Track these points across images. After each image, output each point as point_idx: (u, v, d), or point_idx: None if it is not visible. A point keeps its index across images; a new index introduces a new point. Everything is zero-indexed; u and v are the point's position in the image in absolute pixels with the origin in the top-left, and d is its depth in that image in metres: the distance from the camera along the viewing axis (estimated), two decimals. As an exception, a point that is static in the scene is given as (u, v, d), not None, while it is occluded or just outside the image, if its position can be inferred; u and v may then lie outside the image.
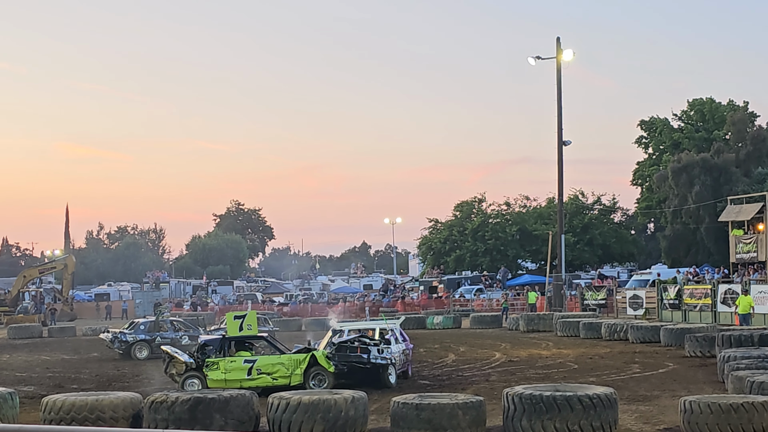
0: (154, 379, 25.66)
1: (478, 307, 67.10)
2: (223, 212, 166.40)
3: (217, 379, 22.53)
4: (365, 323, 32.73)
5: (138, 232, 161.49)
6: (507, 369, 27.77)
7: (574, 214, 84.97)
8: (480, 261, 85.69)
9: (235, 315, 24.59)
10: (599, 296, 56.65)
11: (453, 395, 16.63)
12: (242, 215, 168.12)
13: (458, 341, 40.59)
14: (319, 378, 22.73)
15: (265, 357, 23.26)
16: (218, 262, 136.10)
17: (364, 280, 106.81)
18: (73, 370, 31.72)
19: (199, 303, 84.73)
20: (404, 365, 25.62)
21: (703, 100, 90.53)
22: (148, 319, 40.52)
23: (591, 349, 33.81)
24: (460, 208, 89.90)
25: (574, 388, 16.18)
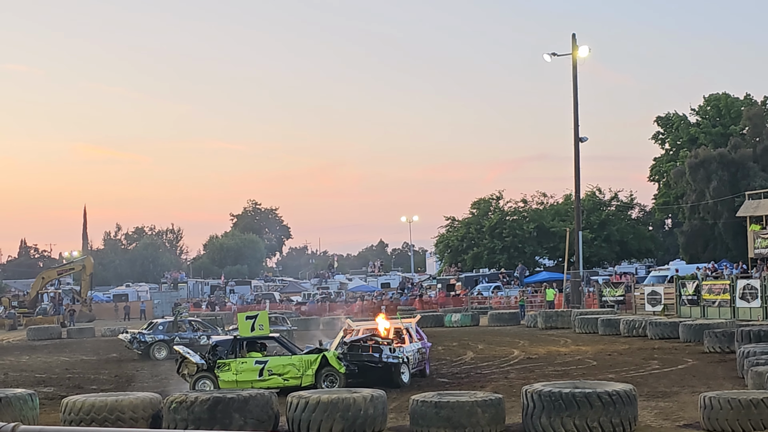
0: (173, 379, 25.67)
1: (495, 304, 67.03)
2: (240, 212, 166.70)
3: (229, 380, 22.44)
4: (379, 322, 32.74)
5: (155, 232, 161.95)
6: (526, 366, 27.72)
7: (592, 210, 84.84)
8: (497, 258, 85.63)
9: (247, 315, 24.44)
10: (617, 293, 56.55)
11: (472, 393, 16.59)
12: (259, 215, 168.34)
13: (476, 339, 40.55)
14: (330, 379, 22.64)
15: (277, 358, 23.19)
16: (236, 261, 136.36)
17: (381, 279, 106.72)
18: (93, 371, 31.81)
19: (217, 303, 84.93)
20: (420, 364, 25.56)
21: (720, 95, 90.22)
22: (167, 320, 40.61)
23: (609, 346, 33.71)
24: (477, 206, 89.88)
25: (593, 384, 16.13)
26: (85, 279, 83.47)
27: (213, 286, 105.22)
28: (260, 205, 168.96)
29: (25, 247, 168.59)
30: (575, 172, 58.85)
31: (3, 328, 70.74)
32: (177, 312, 45.43)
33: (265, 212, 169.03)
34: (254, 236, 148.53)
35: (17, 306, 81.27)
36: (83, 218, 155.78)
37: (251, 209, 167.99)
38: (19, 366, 35.19)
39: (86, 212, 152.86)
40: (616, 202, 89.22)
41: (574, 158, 58.61)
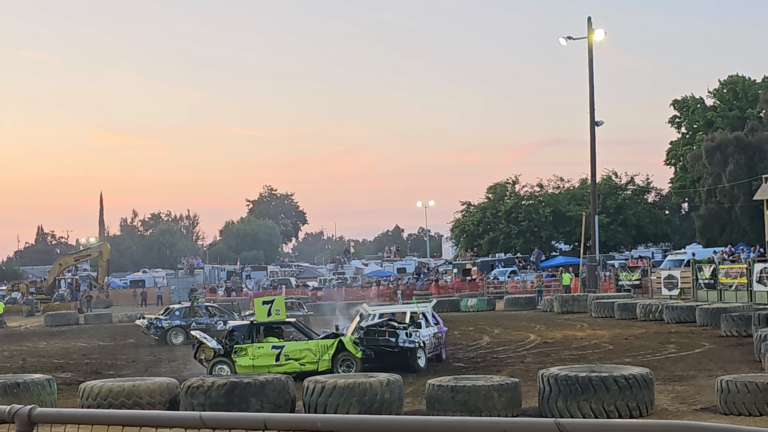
0: (190, 364, 25.77)
1: (512, 289, 67.01)
2: (256, 198, 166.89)
3: (245, 365, 22.53)
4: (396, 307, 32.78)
5: (172, 218, 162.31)
6: (542, 350, 27.72)
7: (608, 194, 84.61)
8: (513, 243, 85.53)
9: (264, 300, 24.49)
10: (634, 277, 56.46)
11: (488, 377, 16.62)
12: (275, 200, 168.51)
13: (492, 323, 40.57)
14: (347, 363, 22.70)
15: (293, 343, 23.26)
16: (252, 247, 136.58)
17: (397, 264, 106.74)
18: (110, 357, 31.95)
19: (234, 288, 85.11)
20: (436, 348, 25.58)
21: (737, 78, 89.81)
22: (184, 305, 40.75)
23: (626, 330, 33.69)
24: (493, 191, 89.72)
25: (609, 368, 16.13)
26: (102, 265, 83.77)
27: (229, 272, 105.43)
28: (276, 191, 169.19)
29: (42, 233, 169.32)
30: (591, 156, 58.72)
31: (21, 314, 71.10)
32: (193, 297, 45.47)
33: (281, 198, 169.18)
34: (270, 222, 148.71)
35: (35, 292, 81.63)
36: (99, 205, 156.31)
37: (267, 195, 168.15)
38: (37, 352, 35.37)
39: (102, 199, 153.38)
40: (632, 186, 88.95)
41: (590, 142, 58.48)
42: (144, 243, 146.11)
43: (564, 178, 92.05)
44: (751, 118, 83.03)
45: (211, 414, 3.48)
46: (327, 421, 3.37)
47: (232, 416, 3.53)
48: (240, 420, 3.50)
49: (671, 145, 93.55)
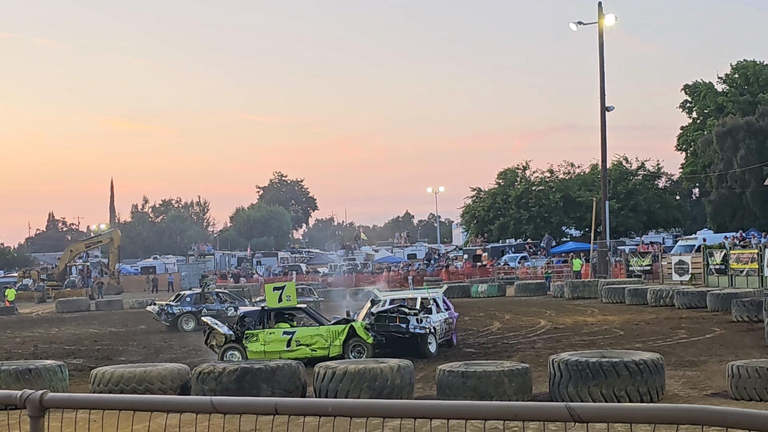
0: (201, 350, 25.83)
1: (522, 274, 66.96)
2: (267, 184, 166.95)
3: (257, 351, 22.55)
4: (407, 292, 32.77)
5: (182, 205, 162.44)
6: (552, 336, 27.71)
7: (618, 180, 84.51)
8: (524, 228, 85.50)
9: (275, 286, 24.46)
10: (644, 262, 56.39)
11: (499, 363, 16.60)
12: (285, 187, 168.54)
13: (503, 309, 40.55)
14: (357, 349, 22.69)
15: (304, 328, 23.26)
16: (262, 233, 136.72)
17: (407, 250, 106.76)
18: (121, 343, 32.02)
19: (244, 274, 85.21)
20: (447, 334, 25.58)
21: (748, 63, 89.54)
22: (194, 291, 40.78)
23: (637, 315, 33.64)
24: (503, 176, 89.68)
25: (620, 354, 16.10)
26: (113, 251, 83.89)
27: (240, 258, 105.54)
28: (286, 177, 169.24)
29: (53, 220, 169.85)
30: (602, 141, 58.59)
31: (32, 301, 71.26)
32: (204, 284, 45.56)
33: (291, 184, 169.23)
34: (280, 208, 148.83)
35: (46, 279, 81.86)
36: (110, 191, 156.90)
37: (277, 181, 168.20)
38: (49, 338, 35.47)
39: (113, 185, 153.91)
40: (642, 172, 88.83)
41: (600, 128, 58.34)
42: (155, 229, 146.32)
43: (574, 163, 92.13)
44: (762, 103, 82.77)
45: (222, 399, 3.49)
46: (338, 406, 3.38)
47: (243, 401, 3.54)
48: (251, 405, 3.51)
49: (682, 130, 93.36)
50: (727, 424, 2.96)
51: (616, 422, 3.15)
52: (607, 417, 3.11)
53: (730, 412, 2.99)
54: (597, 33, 58.09)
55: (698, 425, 3.01)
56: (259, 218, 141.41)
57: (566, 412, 3.05)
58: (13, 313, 55.81)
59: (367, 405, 3.39)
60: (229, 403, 3.62)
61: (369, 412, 3.28)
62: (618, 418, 3.12)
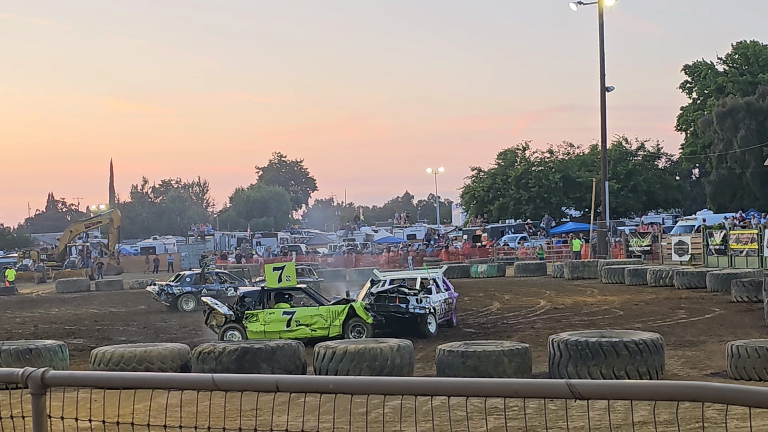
0: (201, 330, 25.86)
1: (522, 255, 67.02)
2: (266, 164, 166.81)
3: (257, 331, 22.59)
4: (406, 273, 32.77)
5: (182, 185, 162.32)
6: (552, 316, 27.74)
7: (618, 160, 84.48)
8: (523, 209, 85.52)
9: (274, 266, 24.49)
10: (644, 243, 56.42)
11: (498, 343, 16.64)
12: (285, 167, 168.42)
13: (503, 289, 40.59)
14: (357, 329, 22.74)
15: (304, 308, 23.29)
16: (262, 214, 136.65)
17: (407, 230, 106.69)
18: (121, 323, 32.06)
19: (244, 255, 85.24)
20: (447, 314, 25.61)
21: (748, 43, 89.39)
22: (194, 272, 40.81)
23: (636, 296, 33.67)
24: (503, 157, 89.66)
25: (620, 334, 16.12)
26: (113, 232, 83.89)
27: (239, 239, 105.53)
28: (285, 158, 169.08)
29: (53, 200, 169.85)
30: (601, 122, 58.53)
31: (32, 281, 71.31)
32: (204, 264, 45.60)
33: (291, 164, 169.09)
34: (280, 188, 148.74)
35: (46, 259, 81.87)
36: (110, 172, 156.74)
37: (277, 162, 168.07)
38: (49, 318, 35.51)
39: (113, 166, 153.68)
40: (642, 152, 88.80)
41: (600, 108, 58.28)
42: (154, 210, 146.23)
43: (574, 144, 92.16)
44: (762, 83, 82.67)
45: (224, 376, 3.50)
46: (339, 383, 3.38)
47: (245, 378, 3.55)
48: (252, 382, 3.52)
49: (682, 110, 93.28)
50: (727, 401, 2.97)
51: (616, 399, 3.16)
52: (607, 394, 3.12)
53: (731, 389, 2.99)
54: (597, 13, 57.96)
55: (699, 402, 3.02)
56: (259, 199, 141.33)
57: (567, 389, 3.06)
58: (13, 293, 55.87)
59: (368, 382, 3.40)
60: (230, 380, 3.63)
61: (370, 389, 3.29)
62: (619, 395, 3.13)
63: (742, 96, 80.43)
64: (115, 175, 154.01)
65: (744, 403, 2.90)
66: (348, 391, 3.32)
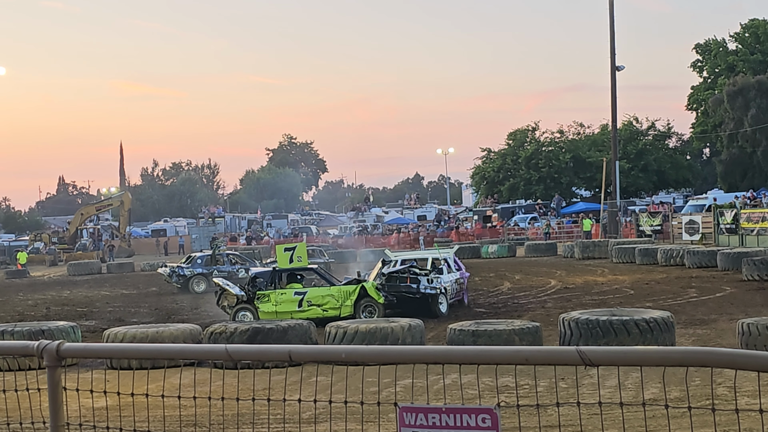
0: (213, 311, 25.95)
1: (532, 235, 67.02)
2: (276, 146, 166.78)
3: (268, 311, 22.67)
4: (417, 253, 32.80)
5: (192, 168, 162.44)
6: (563, 296, 27.78)
7: (629, 140, 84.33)
8: (534, 189, 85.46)
9: (285, 247, 24.61)
10: (655, 222, 56.32)
11: (509, 322, 16.68)
12: (295, 149, 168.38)
13: (513, 269, 40.63)
14: (369, 309, 22.80)
15: (315, 289, 23.37)
16: (272, 196, 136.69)
17: (417, 212, 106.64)
18: (133, 305, 32.18)
19: (255, 237, 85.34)
20: (458, 294, 25.67)
21: (759, 22, 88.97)
22: (205, 253, 40.90)
23: (647, 275, 33.69)
24: (513, 137, 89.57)
25: (630, 312, 16.16)
26: (124, 215, 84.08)
27: (250, 221, 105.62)
28: (296, 140, 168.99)
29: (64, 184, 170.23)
30: (612, 101, 58.42)
31: (44, 264, 71.56)
32: (215, 246, 45.66)
33: (301, 146, 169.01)
34: (290, 170, 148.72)
35: (57, 242, 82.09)
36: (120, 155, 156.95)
37: (287, 143, 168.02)
38: (61, 300, 35.66)
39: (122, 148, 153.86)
40: (653, 132, 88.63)
41: (610, 88, 58.18)
42: (165, 192, 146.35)
43: (584, 124, 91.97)
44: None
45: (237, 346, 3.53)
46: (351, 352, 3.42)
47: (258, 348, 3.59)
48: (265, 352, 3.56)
49: (693, 89, 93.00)
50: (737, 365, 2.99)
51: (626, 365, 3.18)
52: (617, 360, 3.14)
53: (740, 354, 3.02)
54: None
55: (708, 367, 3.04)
56: (269, 180, 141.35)
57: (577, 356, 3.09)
58: (25, 276, 56.07)
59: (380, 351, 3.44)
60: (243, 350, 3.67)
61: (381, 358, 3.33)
62: (628, 361, 3.16)
63: (753, 75, 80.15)
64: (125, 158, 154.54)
65: (753, 368, 2.92)
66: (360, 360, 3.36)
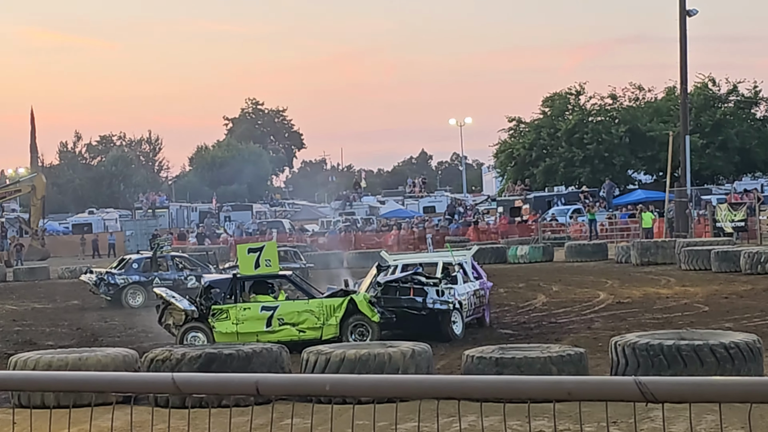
0: (153, 331, 25.96)
1: (575, 233, 67.12)
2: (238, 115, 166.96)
3: (227, 332, 22.59)
4: (424, 256, 32.84)
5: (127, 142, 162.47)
6: (615, 313, 27.84)
7: (703, 108, 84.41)
8: (577, 173, 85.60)
9: (250, 248, 24.57)
10: (737, 217, 56.39)
11: (544, 347, 16.74)
12: (262, 118, 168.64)
13: (550, 278, 40.72)
14: (359, 330, 22.74)
15: (289, 303, 23.35)
16: (232, 180, 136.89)
17: (423, 202, 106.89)
18: (48, 323, 32.18)
19: (208, 234, 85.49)
20: (477, 310, 25.71)
21: None
22: (143, 256, 40.94)
23: (726, 286, 33.75)
24: (550, 104, 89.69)
25: (704, 335, 16.19)
26: (36, 204, 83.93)
27: (202, 213, 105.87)
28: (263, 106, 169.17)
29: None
30: (681, 57, 58.46)
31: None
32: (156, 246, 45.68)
33: (270, 115, 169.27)
34: (256, 147, 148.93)
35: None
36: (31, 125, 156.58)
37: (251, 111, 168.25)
38: (-49, 317, 35.65)
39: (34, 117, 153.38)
40: (735, 97, 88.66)
41: (679, 39, 58.20)
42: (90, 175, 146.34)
43: (644, 87, 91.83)
44: None
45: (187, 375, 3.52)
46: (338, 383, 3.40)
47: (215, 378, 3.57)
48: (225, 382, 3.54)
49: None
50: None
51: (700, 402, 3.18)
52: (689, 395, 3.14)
53: None
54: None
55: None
56: (228, 160, 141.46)
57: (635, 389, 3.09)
58: None
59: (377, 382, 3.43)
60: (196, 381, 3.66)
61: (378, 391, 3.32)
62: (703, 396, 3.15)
63: None
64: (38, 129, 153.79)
65: None
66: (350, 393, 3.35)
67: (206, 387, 3.61)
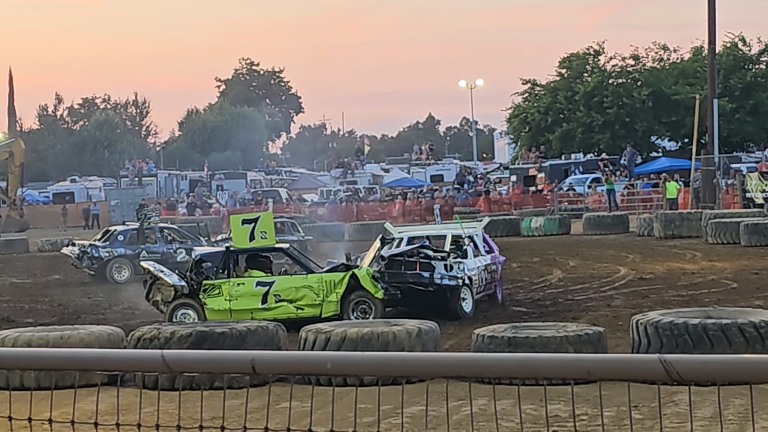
0: (141, 308, 25.99)
1: (594, 204, 67.09)
2: (231, 76, 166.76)
3: (219, 309, 22.59)
4: (431, 228, 32.83)
5: (111, 105, 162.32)
6: (636, 290, 27.86)
7: (732, 70, 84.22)
8: (596, 139, 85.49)
9: (244, 219, 24.53)
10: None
11: (560, 326, 16.74)
12: (257, 80, 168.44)
13: (567, 252, 40.74)
14: (362, 307, 22.72)
15: (286, 278, 23.36)
16: (225, 146, 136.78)
17: (430, 170, 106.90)
18: (27, 299, 32.23)
19: (199, 204, 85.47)
20: (488, 286, 25.70)
21: None
22: (129, 227, 40.94)
23: (756, 261, 33.75)
24: (567, 65, 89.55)
25: (732, 314, 16.21)
26: (14, 171, 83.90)
27: (193, 181, 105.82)
28: (258, 66, 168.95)
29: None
30: (709, 14, 58.32)
31: None
32: (143, 216, 45.69)
33: (266, 76, 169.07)
34: (250, 110, 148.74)
35: None
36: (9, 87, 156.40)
37: (245, 72, 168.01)
38: (-76, 293, 35.70)
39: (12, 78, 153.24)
40: (767, 58, 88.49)
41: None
42: (72, 140, 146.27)
43: (669, 46, 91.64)
44: None
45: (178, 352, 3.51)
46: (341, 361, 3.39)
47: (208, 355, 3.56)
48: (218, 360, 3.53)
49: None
50: None
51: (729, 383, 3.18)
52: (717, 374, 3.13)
53: None
54: None
55: None
56: (221, 125, 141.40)
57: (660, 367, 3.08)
58: None
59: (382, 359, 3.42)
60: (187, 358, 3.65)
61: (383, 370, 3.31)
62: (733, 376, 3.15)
63: None
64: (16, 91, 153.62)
65: None
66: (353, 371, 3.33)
67: (198, 365, 3.60)
